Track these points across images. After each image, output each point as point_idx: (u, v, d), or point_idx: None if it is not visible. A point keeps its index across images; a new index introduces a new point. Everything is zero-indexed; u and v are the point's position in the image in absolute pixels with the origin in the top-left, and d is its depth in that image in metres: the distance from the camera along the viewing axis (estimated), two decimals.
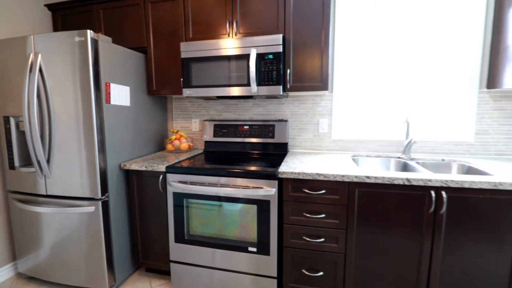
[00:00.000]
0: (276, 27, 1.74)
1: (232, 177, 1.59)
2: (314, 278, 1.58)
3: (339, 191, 1.48)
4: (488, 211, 1.31)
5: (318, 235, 1.54)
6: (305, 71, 1.74)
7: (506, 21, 1.67)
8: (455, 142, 1.90)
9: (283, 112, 2.15)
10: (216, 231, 1.67)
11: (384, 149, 2.01)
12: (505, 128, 1.82)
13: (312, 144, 2.13)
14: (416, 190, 1.38)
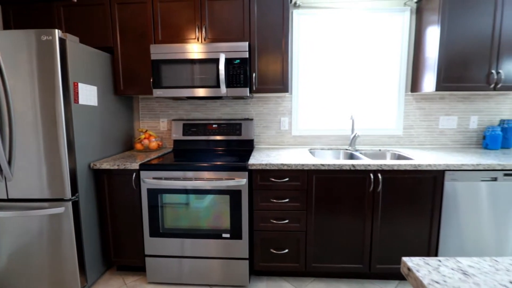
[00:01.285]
0: (242, 35, 1.93)
1: (206, 170, 1.73)
2: (280, 256, 1.82)
3: (300, 178, 1.73)
4: (411, 186, 1.70)
5: (283, 218, 1.78)
6: (268, 75, 1.97)
7: (424, 39, 2.11)
8: (388, 136, 2.32)
9: (248, 111, 2.35)
10: (191, 222, 1.80)
11: (335, 143, 2.35)
12: (425, 123, 2.30)
13: (275, 140, 2.37)
14: (359, 174, 1.71)
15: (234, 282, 1.81)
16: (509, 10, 1.87)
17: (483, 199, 1.70)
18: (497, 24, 1.89)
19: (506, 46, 1.90)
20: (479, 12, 1.88)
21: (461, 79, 1.94)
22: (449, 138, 2.30)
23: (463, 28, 1.90)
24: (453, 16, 1.89)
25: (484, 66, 1.93)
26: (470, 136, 2.29)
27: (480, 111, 2.28)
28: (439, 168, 1.65)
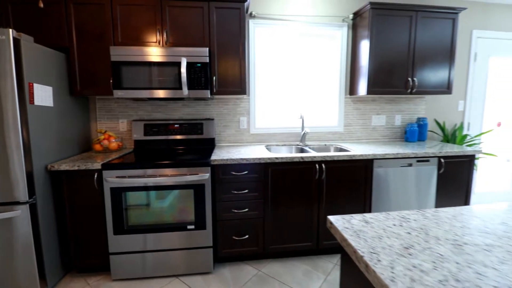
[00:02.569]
0: (202, 40, 2.08)
1: (171, 167, 1.85)
2: (241, 241, 2.02)
3: (257, 171, 1.96)
4: (348, 173, 2.04)
5: (243, 207, 1.98)
6: (227, 78, 2.15)
7: (358, 50, 2.50)
8: (332, 132, 2.69)
9: (209, 112, 2.50)
10: (156, 218, 1.89)
11: (288, 139, 2.64)
12: (361, 121, 2.72)
13: (235, 138, 2.57)
14: (307, 165, 1.99)
15: (199, 270, 1.95)
16: (420, 30, 2.35)
17: (402, 180, 2.13)
18: (412, 40, 2.36)
19: (418, 58, 2.38)
20: (399, 30, 2.32)
21: (387, 84, 2.37)
22: (379, 133, 2.76)
23: (387, 43, 2.33)
24: (379, 33, 2.30)
25: (403, 74, 2.38)
26: (395, 131, 2.78)
27: (403, 111, 2.78)
28: (368, 157, 2.02)
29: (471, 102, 2.93)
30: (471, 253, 0.68)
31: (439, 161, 2.15)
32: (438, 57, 2.41)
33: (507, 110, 3.07)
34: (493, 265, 0.63)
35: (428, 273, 0.60)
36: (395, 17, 2.30)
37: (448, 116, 2.89)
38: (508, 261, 0.64)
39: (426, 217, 0.89)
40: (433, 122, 2.87)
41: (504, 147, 3.12)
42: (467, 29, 2.83)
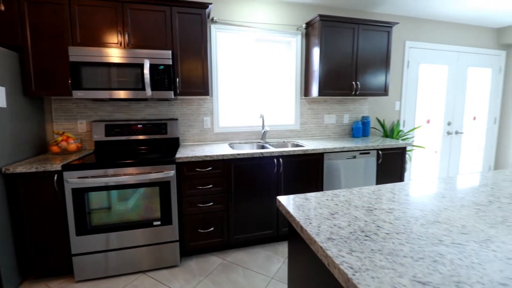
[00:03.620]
0: (165, 43, 2.16)
1: (136, 166, 1.90)
2: (207, 233, 2.14)
3: (221, 167, 2.10)
4: (303, 166, 2.29)
5: (208, 201, 2.11)
6: (191, 80, 2.26)
7: (311, 56, 2.78)
8: (290, 130, 2.94)
9: (173, 112, 2.58)
10: (121, 216, 1.92)
11: (250, 137, 2.82)
12: (315, 120, 3.01)
13: (199, 138, 2.67)
14: (267, 160, 2.20)
15: (167, 264, 2.03)
16: (361, 40, 2.70)
17: (348, 170, 2.44)
18: (355, 49, 2.70)
19: (360, 65, 2.74)
20: (344, 40, 2.65)
21: (335, 87, 2.68)
22: (331, 131, 3.09)
23: (335, 50, 2.63)
24: (328, 41, 2.60)
25: (348, 78, 2.72)
26: (344, 128, 3.13)
27: (350, 110, 3.14)
28: (319, 151, 2.29)
29: (406, 103, 3.42)
30: (377, 215, 0.91)
31: (377, 153, 2.51)
32: (377, 64, 2.80)
33: (434, 109, 3.63)
34: (390, 221, 0.87)
35: (343, 228, 0.81)
36: (340, 29, 2.62)
37: (388, 115, 3.33)
38: (401, 218, 0.89)
39: (352, 193, 1.13)
40: (375, 120, 3.28)
41: (432, 140, 3.68)
42: (401, 40, 3.30)
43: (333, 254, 0.68)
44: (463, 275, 0.59)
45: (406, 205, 1.00)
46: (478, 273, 0.60)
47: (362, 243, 0.73)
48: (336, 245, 0.72)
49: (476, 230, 0.80)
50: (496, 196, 1.08)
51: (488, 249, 0.69)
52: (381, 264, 0.63)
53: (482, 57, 3.76)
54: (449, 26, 3.49)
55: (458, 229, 0.80)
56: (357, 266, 0.62)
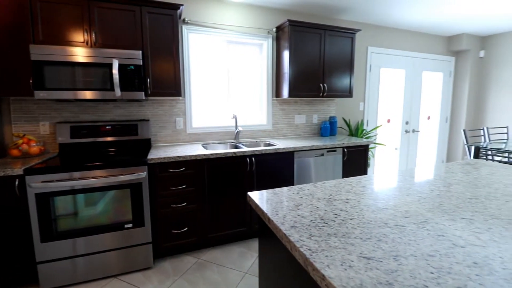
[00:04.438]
0: (135, 43, 2.13)
1: (104, 168, 1.86)
2: (181, 234, 2.15)
3: (194, 167, 2.12)
4: (275, 164, 2.39)
5: (182, 201, 2.12)
6: (162, 80, 2.25)
7: (282, 59, 2.89)
8: (263, 130, 3.03)
9: (144, 113, 2.54)
10: (90, 220, 1.87)
11: (223, 138, 2.87)
12: (286, 120, 3.14)
13: (171, 138, 2.66)
14: (240, 159, 2.26)
15: (140, 266, 2.01)
16: (328, 45, 2.87)
17: (317, 166, 2.59)
18: (322, 53, 2.86)
19: (327, 68, 2.90)
20: (312, 44, 2.79)
21: (304, 89, 2.82)
22: (301, 130, 3.23)
23: (304, 54, 2.77)
24: (297, 45, 2.73)
25: (316, 80, 2.87)
26: (313, 128, 3.30)
27: (319, 111, 3.31)
28: (290, 150, 2.41)
29: (369, 103, 3.68)
30: (336, 205, 1.02)
31: (343, 150, 2.69)
32: (342, 67, 2.99)
33: (394, 109, 3.94)
34: (347, 209, 0.97)
35: (305, 218, 0.90)
36: (308, 33, 2.76)
37: (353, 115, 3.56)
38: (355, 206, 1.00)
39: (316, 187, 1.24)
40: (342, 120, 3.49)
41: (392, 138, 3.99)
42: (364, 45, 3.54)
43: (295, 239, 0.76)
44: (401, 250, 0.70)
45: (361, 195, 1.12)
46: (413, 248, 0.71)
47: (320, 229, 0.82)
48: (298, 232, 0.80)
49: (416, 214, 0.93)
50: (437, 185, 1.25)
51: (424, 229, 0.82)
52: (335, 245, 0.73)
53: (434, 62, 4.15)
54: (406, 34, 3.81)
55: (401, 213, 0.93)
56: (315, 248, 0.71)
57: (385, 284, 0.57)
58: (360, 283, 0.57)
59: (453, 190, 1.17)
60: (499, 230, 0.80)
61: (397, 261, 0.65)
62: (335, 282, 0.58)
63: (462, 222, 0.86)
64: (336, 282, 0.58)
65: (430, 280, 0.58)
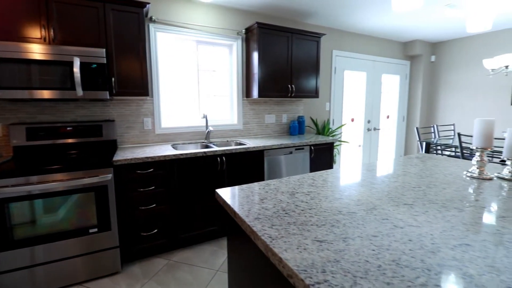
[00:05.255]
0: (99, 41, 2.05)
1: (66, 171, 1.78)
2: (150, 236, 2.12)
3: (163, 167, 2.10)
4: (245, 162, 2.44)
5: (151, 203, 2.09)
6: (128, 79, 2.19)
7: (251, 60, 2.95)
8: (234, 130, 3.07)
9: (109, 113, 2.45)
10: (52, 226, 1.77)
11: (194, 138, 2.86)
12: (256, 120, 3.21)
13: (139, 139, 2.60)
14: (211, 159, 2.28)
15: (107, 272, 1.94)
16: (295, 48, 2.99)
17: (286, 164, 2.69)
18: (289, 55, 2.97)
19: (295, 70, 3.02)
20: (280, 47, 2.89)
21: (273, 89, 2.91)
22: (271, 129, 3.33)
23: (272, 56, 2.86)
24: (266, 47, 2.81)
25: (285, 81, 2.97)
26: (283, 127, 3.41)
27: (288, 110, 3.43)
28: (260, 149, 2.48)
29: (334, 104, 3.89)
30: (298, 197, 1.09)
31: (310, 148, 2.82)
32: (309, 69, 3.13)
33: (357, 109, 4.21)
34: (307, 200, 1.05)
35: (269, 209, 0.96)
36: (277, 36, 2.86)
37: (320, 114, 3.74)
38: (315, 198, 1.08)
39: (281, 182, 1.31)
40: (309, 119, 3.65)
41: (356, 136, 4.26)
42: (329, 49, 3.73)
43: (257, 229, 0.82)
44: (350, 233, 0.79)
45: (321, 188, 1.21)
46: (360, 231, 0.80)
47: (282, 219, 0.89)
48: (261, 223, 0.86)
49: (367, 202, 1.03)
50: (388, 177, 1.38)
51: (371, 214, 0.92)
52: (293, 232, 0.79)
53: (392, 66, 4.50)
54: (368, 39, 4.09)
55: (354, 202, 1.03)
56: (275, 235, 0.77)
57: (333, 262, 0.65)
58: (312, 262, 0.64)
59: (400, 181, 1.31)
60: (433, 213, 0.93)
61: (345, 242, 0.74)
62: (290, 263, 0.64)
63: (404, 207, 0.98)
64: (291, 263, 0.64)
65: (371, 256, 0.67)
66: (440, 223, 0.85)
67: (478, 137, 1.35)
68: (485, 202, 1.03)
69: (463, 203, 1.02)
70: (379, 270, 0.61)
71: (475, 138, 1.37)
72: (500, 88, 3.85)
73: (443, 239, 0.75)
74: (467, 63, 4.21)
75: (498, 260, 0.65)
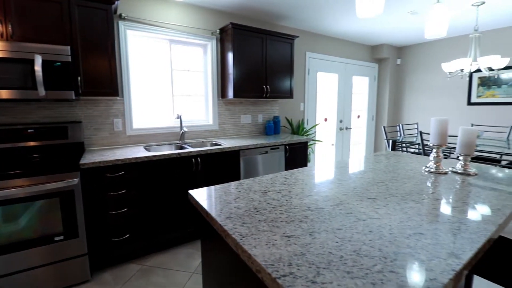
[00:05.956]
0: (63, 38, 1.94)
1: (27, 176, 1.66)
2: (122, 241, 2.05)
3: (135, 170, 2.04)
4: (221, 163, 2.44)
5: (121, 207, 2.02)
6: (96, 79, 2.10)
7: (226, 60, 2.95)
8: (209, 130, 3.06)
9: (75, 114, 2.32)
10: (11, 235, 1.65)
11: (168, 139, 2.80)
12: (232, 120, 3.21)
13: (109, 141, 2.49)
14: (185, 160, 2.25)
15: (75, 281, 1.85)
16: (269, 49, 3.03)
17: (261, 163, 2.73)
18: (264, 56, 3.01)
19: (269, 71, 3.07)
20: (255, 48, 2.92)
21: (248, 90, 2.93)
22: (247, 130, 3.35)
23: (247, 56, 2.88)
24: (240, 48, 2.82)
25: (260, 82, 3.01)
26: (259, 127, 3.45)
27: (263, 111, 3.47)
28: (236, 149, 2.49)
29: (308, 104, 4.00)
30: (270, 195, 1.12)
31: (285, 147, 2.88)
32: (283, 71, 3.19)
33: (330, 109, 4.36)
34: (278, 198, 1.09)
35: (241, 208, 0.98)
36: (251, 37, 2.88)
37: (294, 114, 3.83)
38: (286, 195, 1.12)
39: (255, 181, 1.33)
40: (285, 119, 3.73)
41: (329, 135, 4.42)
42: (303, 51, 3.83)
43: (228, 228, 0.83)
44: (316, 227, 0.83)
45: (293, 186, 1.25)
46: (326, 225, 0.85)
47: (253, 217, 0.91)
48: (232, 221, 0.87)
49: (334, 197, 1.09)
50: (355, 173, 1.46)
51: (337, 209, 0.97)
52: (264, 229, 0.82)
53: (362, 68, 4.72)
54: (339, 42, 4.25)
55: (323, 198, 1.08)
56: (245, 233, 0.79)
57: (299, 255, 0.68)
58: (280, 256, 0.67)
59: (366, 177, 1.39)
60: (393, 206, 1.00)
61: (312, 236, 0.77)
62: (258, 258, 0.66)
63: (368, 202, 1.04)
64: (259, 258, 0.66)
65: (335, 247, 0.71)
66: (399, 215, 0.92)
67: (434, 135, 1.47)
68: (439, 194, 1.13)
69: (419, 196, 1.11)
70: (341, 261, 0.65)
71: (431, 136, 1.49)
72: (458, 89, 4.20)
73: (400, 229, 0.82)
74: (428, 66, 4.54)
75: (446, 246, 0.73)
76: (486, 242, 0.76)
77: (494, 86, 3.82)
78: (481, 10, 3.06)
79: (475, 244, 0.74)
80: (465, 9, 3.00)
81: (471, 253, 0.69)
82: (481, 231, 0.81)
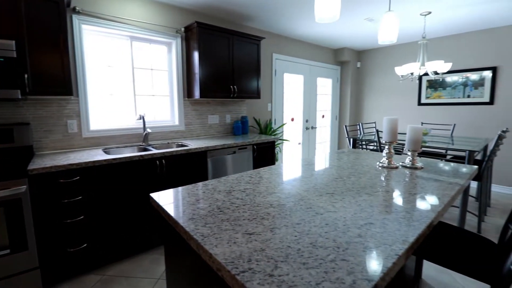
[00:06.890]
0: (8, 32, 1.75)
1: None
2: (79, 251, 1.91)
3: (92, 175, 1.91)
4: (187, 164, 2.39)
5: (78, 214, 1.88)
6: (46, 77, 1.92)
7: (192, 59, 2.89)
8: (175, 131, 2.97)
9: (22, 115, 2.11)
10: None
11: (131, 141, 2.67)
12: (199, 121, 3.16)
13: (62, 144, 2.30)
14: (148, 162, 2.16)
15: None
16: (236, 49, 3.03)
17: (229, 163, 2.72)
18: (231, 56, 3.01)
19: (236, 71, 3.07)
20: (221, 48, 2.90)
21: (216, 90, 2.91)
22: (215, 130, 3.32)
23: (214, 56, 2.85)
24: (206, 47, 2.79)
25: (227, 82, 3.00)
26: (227, 127, 3.44)
27: (231, 111, 3.47)
28: (202, 150, 2.45)
29: (275, 104, 4.08)
30: (234, 194, 1.13)
31: (253, 147, 2.92)
32: (250, 71, 3.22)
33: (296, 109, 4.50)
34: (242, 197, 1.10)
35: (204, 209, 0.98)
36: (217, 37, 2.86)
37: (262, 114, 3.89)
38: (250, 194, 1.13)
39: (220, 181, 1.33)
40: (253, 119, 3.77)
41: (296, 134, 4.56)
42: (269, 52, 3.90)
43: (190, 229, 0.82)
44: (277, 223, 0.86)
45: (257, 184, 1.27)
46: (286, 220, 0.88)
47: (216, 217, 0.91)
48: (194, 222, 0.87)
49: (296, 194, 1.13)
50: (317, 170, 1.53)
51: (298, 205, 1.01)
52: (226, 228, 0.82)
53: (326, 70, 4.94)
54: (304, 45, 4.40)
55: (285, 195, 1.12)
56: (207, 233, 0.79)
57: (259, 250, 0.70)
58: (240, 254, 0.68)
59: (326, 173, 1.47)
60: (349, 199, 1.07)
61: (272, 232, 0.80)
62: (218, 257, 0.67)
63: (326, 196, 1.10)
64: (219, 257, 0.67)
65: (293, 241, 0.75)
66: (353, 207, 0.99)
67: (386, 133, 1.60)
68: (389, 187, 1.23)
69: (372, 189, 1.20)
70: (298, 253, 0.69)
71: (384, 134, 1.61)
72: (410, 91, 4.59)
73: (353, 220, 0.88)
74: (385, 69, 4.89)
75: (392, 233, 0.80)
76: (426, 228, 0.85)
77: (440, 88, 4.24)
78: (428, 20, 3.39)
79: (416, 230, 0.82)
80: (414, 18, 3.30)
81: (412, 239, 0.77)
82: (423, 218, 0.90)
